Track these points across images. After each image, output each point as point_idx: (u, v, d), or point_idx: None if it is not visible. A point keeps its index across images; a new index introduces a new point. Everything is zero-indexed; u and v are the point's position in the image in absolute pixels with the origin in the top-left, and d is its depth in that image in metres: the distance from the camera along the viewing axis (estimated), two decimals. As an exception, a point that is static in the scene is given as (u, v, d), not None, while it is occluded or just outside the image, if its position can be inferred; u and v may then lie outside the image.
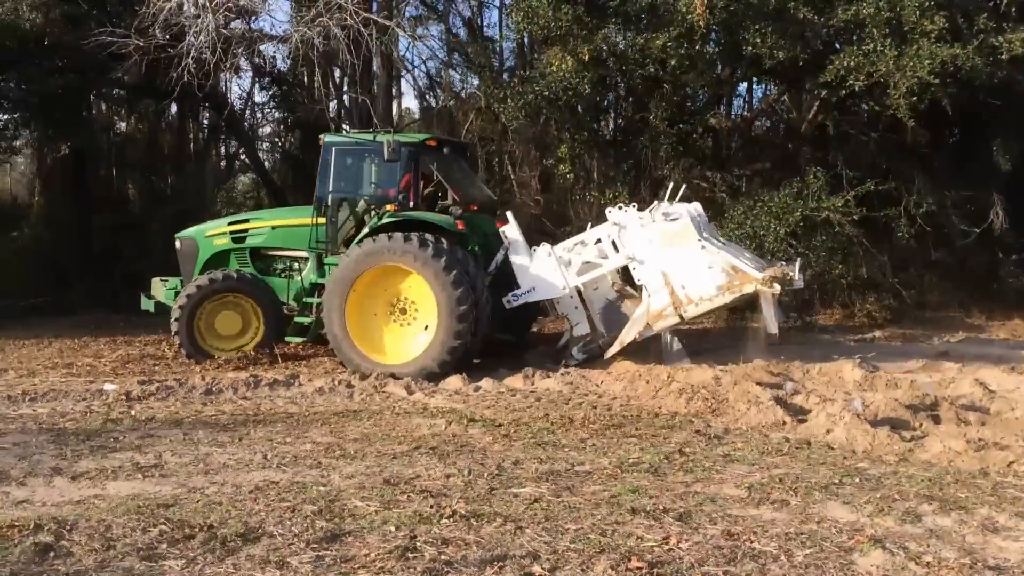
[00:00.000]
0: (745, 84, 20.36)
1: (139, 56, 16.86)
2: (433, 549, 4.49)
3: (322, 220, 11.46)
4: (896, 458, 6.57)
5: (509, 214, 11.48)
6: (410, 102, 38.28)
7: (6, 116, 19.73)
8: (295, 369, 10.80)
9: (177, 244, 12.42)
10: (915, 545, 4.67)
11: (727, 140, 18.42)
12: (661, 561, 4.39)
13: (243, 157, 26.18)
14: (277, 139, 26.66)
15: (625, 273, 11.62)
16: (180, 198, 21.28)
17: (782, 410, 7.83)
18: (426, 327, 10.60)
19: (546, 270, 10.94)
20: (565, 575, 4.23)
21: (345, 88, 21.93)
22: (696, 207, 11.17)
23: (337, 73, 21.75)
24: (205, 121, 25.16)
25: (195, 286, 11.42)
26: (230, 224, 12.44)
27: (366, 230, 10.93)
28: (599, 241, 11.08)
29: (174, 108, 22.56)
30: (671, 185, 12.16)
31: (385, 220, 10.86)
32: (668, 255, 10.56)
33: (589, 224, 12.22)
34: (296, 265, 12.08)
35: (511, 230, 11.26)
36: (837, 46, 14.91)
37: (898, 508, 5.29)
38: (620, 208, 11.08)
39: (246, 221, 12.49)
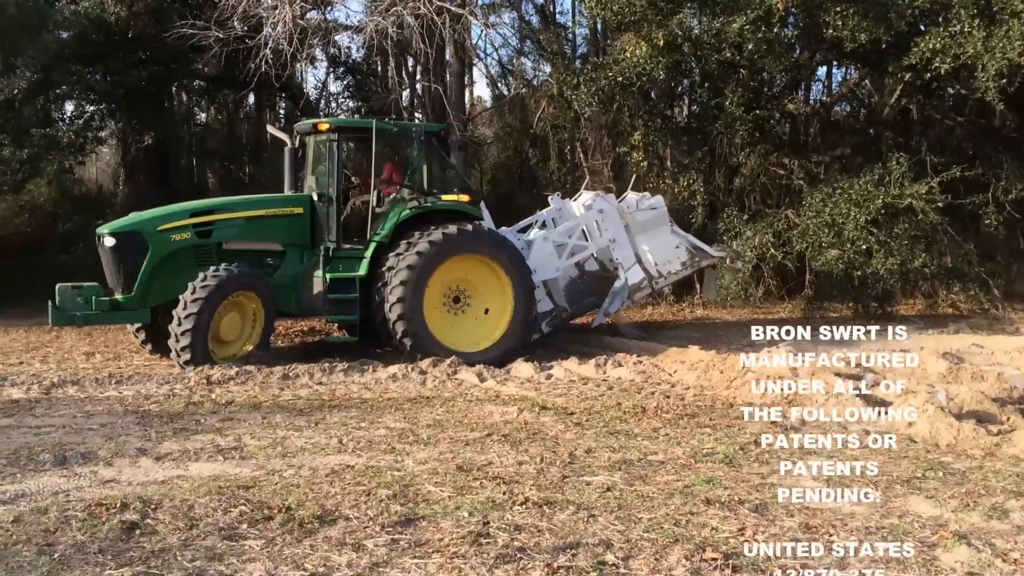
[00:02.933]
0: (824, 68, 19.93)
1: (219, 48, 17.28)
2: (506, 535, 4.50)
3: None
4: (982, 452, 6.35)
5: (481, 202, 12.04)
6: (482, 90, 38.34)
7: (92, 108, 20.43)
8: (368, 356, 10.92)
9: (109, 240, 10.22)
10: (1002, 542, 4.51)
11: (805, 126, 18.07)
12: (736, 553, 4.32)
13: (318, 146, 26.57)
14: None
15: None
16: (257, 187, 21.74)
17: (862, 402, 7.64)
18: (486, 311, 10.98)
19: (544, 254, 11.89)
20: (638, 564, 4.20)
21: (418, 77, 22.09)
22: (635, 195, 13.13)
23: (410, 62, 21.92)
24: (282, 111, 25.65)
25: (211, 283, 9.73)
26: (192, 216, 10.58)
27: (394, 220, 10.72)
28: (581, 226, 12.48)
29: (252, 98, 23.06)
30: (634, 177, 14.49)
31: (408, 211, 10.79)
32: (645, 237, 12.57)
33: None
34: (269, 261, 10.94)
35: (485, 218, 11.83)
36: (922, 27, 14.45)
37: (984, 503, 5.11)
38: (558, 196, 12.99)
39: (211, 212, 10.81)
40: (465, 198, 11.28)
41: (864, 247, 14.17)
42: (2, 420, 7.38)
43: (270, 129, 13.58)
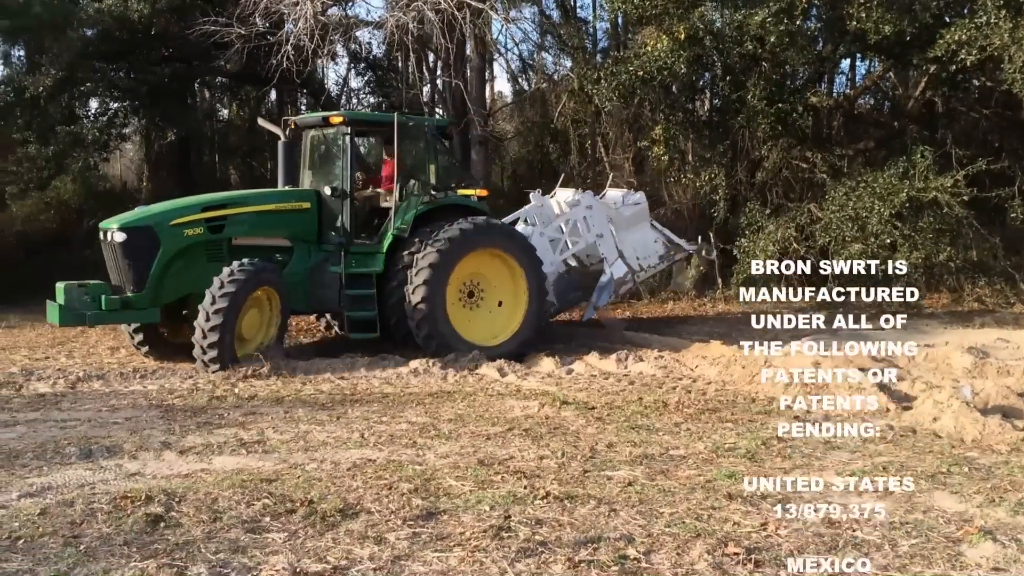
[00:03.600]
0: (848, 60, 19.72)
1: (241, 44, 17.38)
2: (527, 529, 4.51)
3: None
4: (1008, 448, 6.28)
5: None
6: (503, 85, 38.27)
7: (116, 105, 20.62)
8: (389, 350, 10.91)
9: (118, 236, 9.61)
10: (1028, 538, 4.46)
11: (828, 119, 17.91)
12: (759, 547, 4.30)
13: (339, 142, 26.63)
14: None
15: None
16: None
17: (886, 396, 7.58)
18: (500, 303, 10.99)
19: (541, 249, 11.84)
20: (660, 559, 4.19)
21: (439, 72, 22.09)
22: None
23: (431, 57, 21.92)
24: (303, 107, 25.75)
25: (239, 278, 9.34)
26: (204, 210, 10.14)
27: (413, 212, 10.50)
28: (568, 222, 12.58)
29: (273, 95, 23.17)
30: (611, 176, 14.95)
31: (424, 205, 10.64)
32: (628, 232, 12.81)
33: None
34: (278, 257, 10.48)
35: None
36: (947, 19, 14.29)
37: (1010, 499, 5.06)
38: (539, 192, 12.83)
39: (223, 206, 10.33)
40: (484, 192, 11.35)
41: (888, 241, 14.05)
42: (29, 414, 7.47)
43: (261, 122, 13.21)
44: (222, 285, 9.28)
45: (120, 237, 9.60)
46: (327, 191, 10.71)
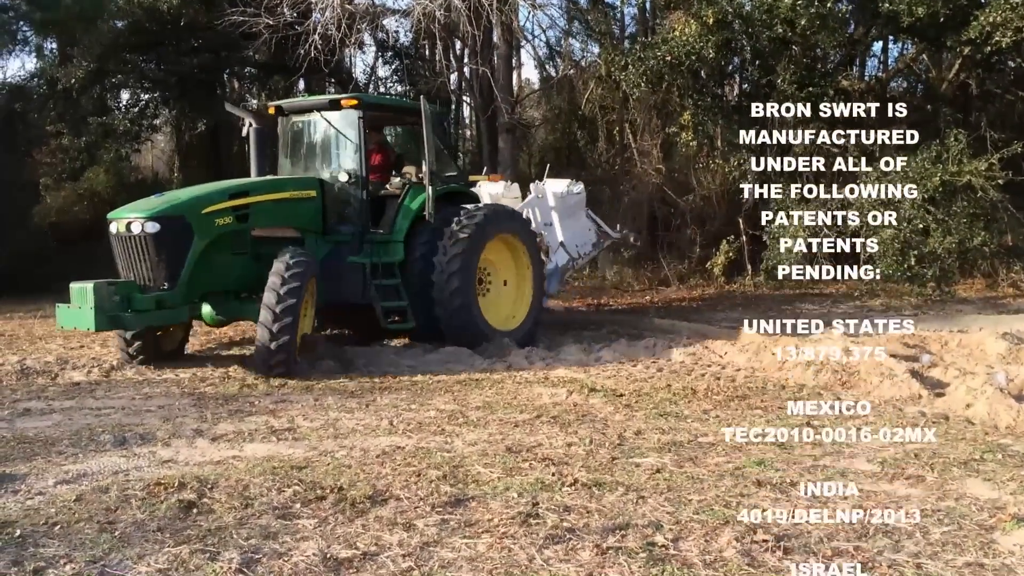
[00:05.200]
0: (880, 43, 19.46)
1: (268, 34, 17.48)
2: (555, 516, 4.51)
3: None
4: (1043, 435, 6.19)
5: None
6: (530, 72, 38.10)
7: (147, 96, 20.85)
8: (417, 338, 10.91)
9: (151, 226, 8.65)
10: (1064, 527, 4.39)
11: (860, 102, 17.67)
12: (788, 535, 4.28)
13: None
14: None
15: None
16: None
17: (918, 383, 7.49)
18: (504, 282, 11.20)
19: None
20: (688, 545, 4.18)
21: (466, 60, 22.08)
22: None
23: (458, 45, 21.91)
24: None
25: (299, 271, 8.61)
26: (232, 198, 9.29)
27: (429, 199, 10.08)
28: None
29: (301, 84, 23.28)
30: (548, 165, 14.94)
31: (438, 191, 10.35)
32: (570, 221, 13.14)
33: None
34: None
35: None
36: (982, 0, 14.04)
37: (1045, 487, 4.99)
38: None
39: (246, 193, 9.46)
40: (498, 178, 11.45)
41: (921, 226, 13.86)
42: (64, 402, 7.59)
43: (228, 107, 12.54)
44: (280, 296, 8.43)
45: (152, 228, 8.65)
46: (343, 177, 10.19)
